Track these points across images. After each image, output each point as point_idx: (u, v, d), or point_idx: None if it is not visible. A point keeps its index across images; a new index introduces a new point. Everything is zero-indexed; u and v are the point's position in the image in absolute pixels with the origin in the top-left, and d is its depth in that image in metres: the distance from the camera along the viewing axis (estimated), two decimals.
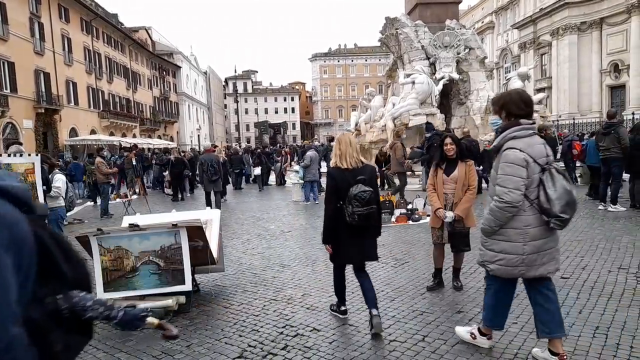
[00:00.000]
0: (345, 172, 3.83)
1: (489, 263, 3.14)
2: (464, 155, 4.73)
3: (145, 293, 4.40)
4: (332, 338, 3.75)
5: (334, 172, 3.91)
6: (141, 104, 49.79)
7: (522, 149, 2.94)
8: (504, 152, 3.01)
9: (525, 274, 3.05)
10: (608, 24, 35.85)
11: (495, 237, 3.08)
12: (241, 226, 9.44)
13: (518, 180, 2.92)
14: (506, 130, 3.04)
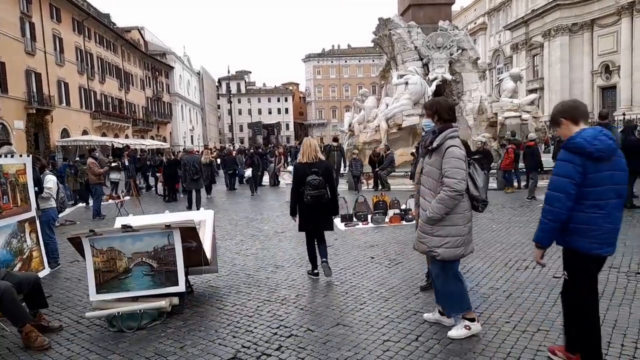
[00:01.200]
0: (304, 165, 5.24)
1: (437, 248, 3.53)
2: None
3: (138, 294, 4.37)
4: (326, 338, 3.75)
5: (297, 165, 5.42)
6: (134, 105, 49.52)
7: (459, 146, 3.51)
8: (448, 149, 3.47)
9: (464, 253, 3.58)
10: (599, 26, 36.21)
11: (441, 223, 3.51)
12: (235, 227, 9.41)
13: (463, 172, 3.45)
14: (444, 131, 3.54)
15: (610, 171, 2.74)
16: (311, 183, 5.06)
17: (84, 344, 3.93)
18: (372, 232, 8.16)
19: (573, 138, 2.76)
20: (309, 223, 5.34)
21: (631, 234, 6.81)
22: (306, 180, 5.09)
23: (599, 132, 2.73)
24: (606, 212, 2.75)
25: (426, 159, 3.69)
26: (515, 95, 18.79)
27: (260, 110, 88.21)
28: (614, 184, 2.76)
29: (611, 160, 2.74)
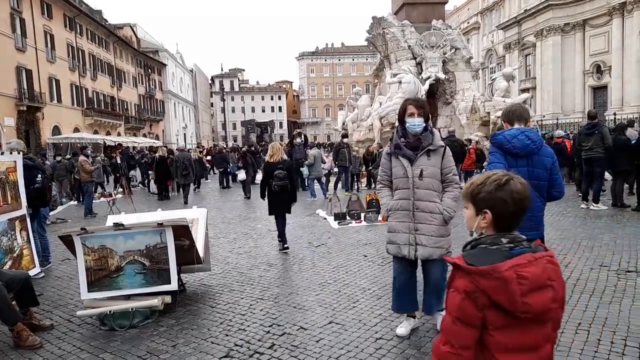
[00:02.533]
0: (272, 163, 6.85)
1: (450, 247, 3.58)
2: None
3: (130, 293, 4.35)
4: (319, 336, 3.76)
5: (266, 163, 7.06)
6: (126, 102, 49.20)
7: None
8: (446, 148, 3.56)
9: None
10: (591, 26, 36.45)
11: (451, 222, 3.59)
12: (228, 225, 9.39)
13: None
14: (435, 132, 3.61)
15: (529, 167, 3.12)
16: (278, 176, 6.69)
17: (75, 342, 3.90)
18: (365, 231, 8.18)
19: (496, 135, 3.29)
20: (276, 209, 6.89)
21: (621, 233, 6.88)
22: (274, 174, 6.69)
23: (519, 133, 3.16)
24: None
25: (424, 160, 3.47)
26: (507, 94, 18.87)
27: (254, 108, 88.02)
28: (532, 179, 3.02)
29: (531, 157, 3.13)
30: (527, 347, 1.49)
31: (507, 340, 1.47)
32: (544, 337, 1.52)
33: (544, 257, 1.48)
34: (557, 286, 1.47)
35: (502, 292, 1.42)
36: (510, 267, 1.42)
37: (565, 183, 10.14)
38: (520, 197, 1.54)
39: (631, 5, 32.16)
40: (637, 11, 31.89)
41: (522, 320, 1.45)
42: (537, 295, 1.43)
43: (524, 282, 1.40)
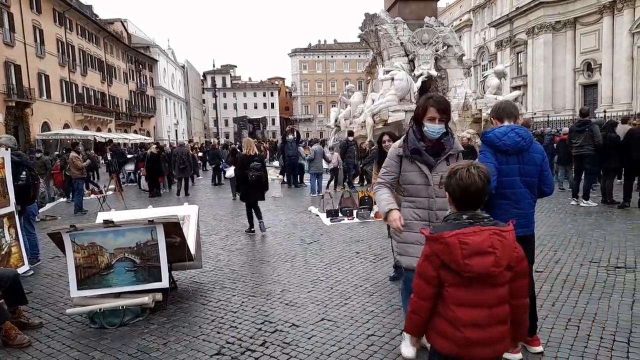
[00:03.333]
0: (248, 156, 7.80)
1: None
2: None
3: (120, 290, 4.31)
4: (311, 333, 3.75)
5: (242, 156, 8.21)
6: (117, 98, 48.80)
7: None
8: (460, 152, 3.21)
9: None
10: (581, 24, 36.70)
11: None
12: (219, 222, 9.35)
13: None
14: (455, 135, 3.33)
15: (519, 164, 3.12)
16: (255, 167, 7.65)
17: (65, 340, 3.86)
18: (358, 227, 8.18)
19: (487, 133, 3.23)
20: (250, 197, 7.86)
21: (610, 230, 6.95)
22: (250, 166, 7.64)
23: (510, 130, 3.13)
24: (514, 200, 3.12)
25: (443, 166, 3.05)
26: (499, 92, 18.95)
27: (246, 104, 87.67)
28: (523, 176, 3.12)
29: (521, 155, 3.12)
30: (478, 303, 1.86)
31: (460, 295, 1.87)
32: (497, 298, 1.86)
33: (490, 230, 1.84)
34: (499, 254, 1.81)
35: (447, 254, 1.84)
36: (454, 235, 1.83)
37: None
38: (463, 185, 1.93)
39: (621, 3, 32.42)
40: (627, 9, 32.17)
41: (471, 280, 1.83)
42: (478, 259, 1.80)
43: (465, 247, 1.81)
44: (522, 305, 1.97)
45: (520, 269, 1.90)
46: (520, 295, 1.94)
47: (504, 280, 1.87)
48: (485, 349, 1.89)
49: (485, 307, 1.87)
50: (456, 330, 1.88)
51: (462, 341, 1.88)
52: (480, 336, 1.87)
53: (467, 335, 1.87)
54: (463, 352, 1.90)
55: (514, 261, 1.86)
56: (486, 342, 1.88)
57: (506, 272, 1.86)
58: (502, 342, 1.92)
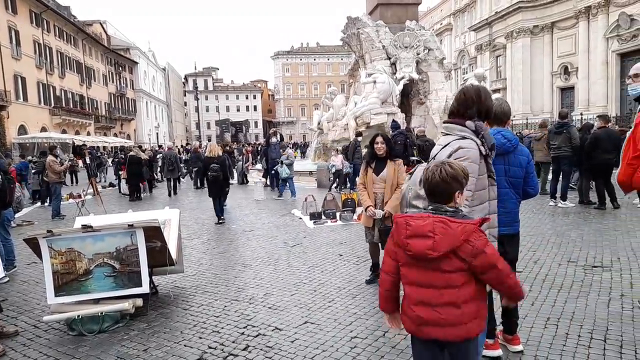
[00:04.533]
0: (210, 158, 9.34)
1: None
2: (393, 155, 4.83)
3: (99, 296, 4.23)
4: (294, 337, 3.73)
5: (205, 157, 9.72)
6: (96, 101, 48.00)
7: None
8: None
9: None
10: (558, 28, 37.52)
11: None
12: (202, 226, 9.26)
13: None
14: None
15: (505, 165, 3.17)
16: (213, 168, 9.15)
17: (42, 349, 3.77)
18: (341, 230, 8.19)
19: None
20: (215, 193, 9.41)
21: (587, 230, 7.10)
22: (210, 167, 9.16)
23: (496, 132, 3.15)
24: (499, 199, 3.05)
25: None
26: None
27: (228, 107, 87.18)
28: (508, 177, 3.18)
29: (507, 156, 3.17)
30: (426, 284, 2.03)
31: (409, 274, 2.09)
32: (446, 281, 1.99)
33: (437, 218, 2.02)
34: (438, 239, 1.96)
35: (396, 232, 2.10)
36: (403, 217, 2.12)
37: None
38: (425, 179, 2.14)
39: (596, 9, 33.26)
40: (602, 15, 33.00)
41: (416, 260, 2.03)
42: (417, 240, 2.01)
43: (409, 227, 2.04)
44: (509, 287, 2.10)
45: (479, 262, 1.97)
46: (498, 283, 2.06)
47: (453, 267, 1.98)
48: (440, 329, 2.01)
49: (432, 287, 2.01)
50: (409, 307, 2.10)
51: (416, 319, 2.06)
52: (432, 315, 2.01)
53: (418, 313, 2.04)
54: (417, 330, 2.07)
55: (463, 252, 1.95)
56: (439, 322, 2.00)
57: (453, 259, 1.97)
58: (457, 326, 2.00)
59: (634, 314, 3.83)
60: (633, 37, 31.24)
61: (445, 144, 2.66)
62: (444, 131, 2.78)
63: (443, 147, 2.67)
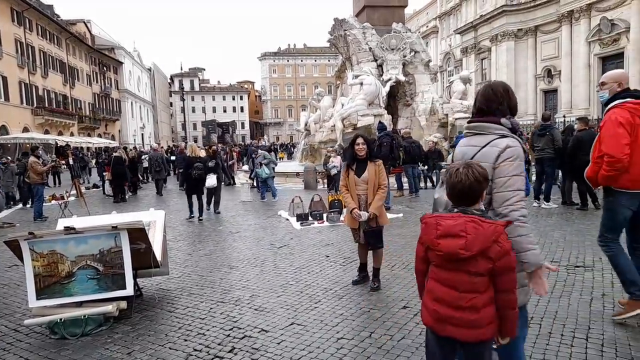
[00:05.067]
0: (192, 157, 10.03)
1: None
2: (373, 156, 4.88)
3: (82, 299, 4.17)
4: (280, 338, 3.72)
5: (188, 157, 10.33)
6: (79, 101, 47.33)
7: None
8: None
9: None
10: (542, 32, 38.12)
11: None
12: (187, 227, 9.18)
13: None
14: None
15: None
16: (197, 167, 9.80)
17: (23, 353, 3.70)
18: (328, 231, 8.20)
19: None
20: (194, 190, 9.97)
21: (570, 230, 7.22)
22: (194, 165, 9.79)
23: None
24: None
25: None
26: (465, 97, 19.44)
27: (215, 108, 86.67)
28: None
29: None
30: (451, 284, 2.05)
31: (439, 273, 2.10)
32: (470, 285, 2.00)
33: (469, 217, 2.02)
34: (470, 239, 1.95)
35: (426, 233, 2.11)
36: (434, 217, 2.11)
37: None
38: (451, 183, 2.12)
39: (578, 13, 33.87)
40: (584, 19, 33.61)
41: (447, 261, 2.04)
42: (448, 240, 2.00)
43: (440, 227, 2.03)
44: (507, 300, 2.05)
45: (502, 264, 1.98)
46: (506, 289, 2.03)
47: (479, 269, 1.97)
48: (456, 329, 2.04)
49: (456, 290, 2.03)
50: (430, 301, 2.14)
51: (433, 313, 2.11)
52: (450, 315, 2.04)
53: (437, 309, 2.08)
54: (436, 325, 2.11)
55: (492, 252, 1.96)
56: (456, 322, 2.03)
57: (481, 260, 1.96)
58: (473, 329, 2.02)
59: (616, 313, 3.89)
60: (614, 42, 31.87)
61: (483, 144, 2.43)
62: (472, 131, 2.55)
63: (481, 147, 2.44)
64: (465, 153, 2.52)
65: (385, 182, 4.86)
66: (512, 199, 2.33)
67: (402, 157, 11.57)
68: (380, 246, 4.93)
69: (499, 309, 2.06)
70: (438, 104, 18.74)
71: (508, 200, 2.33)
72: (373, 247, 4.88)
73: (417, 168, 12.58)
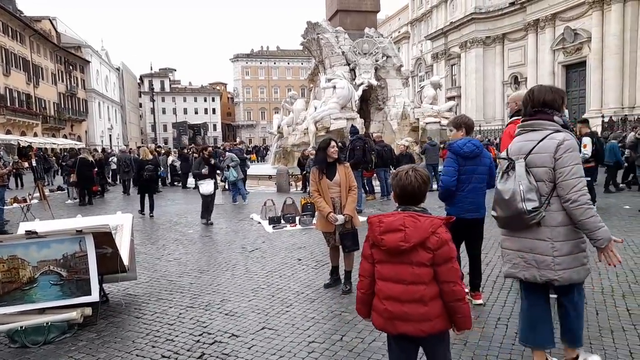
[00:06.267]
0: (144, 161, 10.85)
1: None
2: (342, 159, 4.99)
3: (45, 306, 4.02)
4: (251, 343, 3.68)
5: (140, 160, 11.24)
6: (44, 100, 45.80)
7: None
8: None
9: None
10: (509, 40, 39.31)
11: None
12: (156, 231, 9.00)
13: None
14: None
15: (474, 166, 4.11)
16: (148, 169, 10.57)
17: None
18: (300, 234, 8.18)
19: (452, 144, 4.18)
20: (145, 190, 10.82)
21: None
22: (145, 167, 10.55)
23: (467, 141, 4.12)
24: (469, 191, 4.12)
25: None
26: (435, 102, 19.82)
27: (186, 110, 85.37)
28: (476, 174, 4.12)
29: (475, 159, 4.10)
30: (396, 278, 2.18)
31: (383, 271, 2.24)
32: (413, 276, 2.15)
33: (407, 213, 2.22)
34: (409, 232, 2.14)
35: (370, 231, 2.28)
36: (376, 217, 2.28)
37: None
38: (402, 185, 2.29)
39: (543, 22, 35.07)
40: (549, 28, 34.83)
41: (390, 255, 2.19)
42: (390, 235, 2.18)
43: (382, 224, 2.22)
44: (451, 292, 2.16)
45: (441, 253, 2.14)
46: (448, 280, 2.15)
47: (421, 259, 2.14)
48: (406, 324, 2.16)
49: (402, 283, 2.17)
50: (379, 302, 2.25)
51: (384, 313, 2.21)
52: (399, 310, 2.17)
53: (387, 307, 2.20)
54: (387, 325, 2.22)
55: (430, 243, 2.13)
56: (406, 317, 2.16)
57: (421, 250, 2.14)
58: (425, 322, 2.15)
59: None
60: (577, 50, 33.14)
61: (541, 138, 2.74)
62: (527, 128, 2.86)
63: (539, 141, 2.74)
64: (522, 147, 2.83)
65: (355, 184, 4.97)
66: (579, 185, 2.62)
67: (374, 160, 11.68)
68: (357, 248, 4.93)
69: (447, 302, 2.17)
70: (409, 108, 19.01)
71: (575, 186, 2.62)
72: (349, 249, 4.89)
73: (388, 172, 12.71)
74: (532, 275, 2.81)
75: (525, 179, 2.74)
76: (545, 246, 2.75)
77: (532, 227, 2.77)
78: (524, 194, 2.72)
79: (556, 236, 2.73)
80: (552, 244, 2.73)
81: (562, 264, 2.73)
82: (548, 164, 2.70)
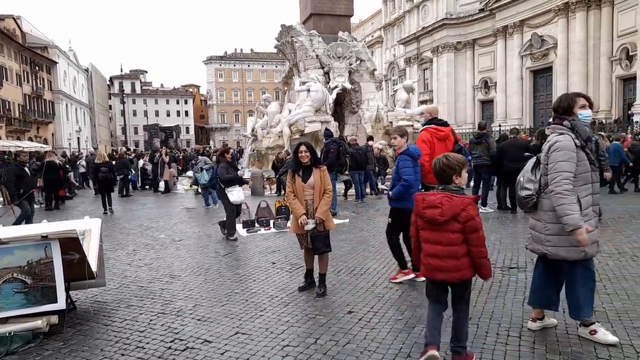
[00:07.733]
0: (99, 164, 12.63)
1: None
2: (317, 162, 5.01)
3: (7, 315, 3.87)
4: (224, 349, 3.63)
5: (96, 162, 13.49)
6: (8, 102, 44.16)
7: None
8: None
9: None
10: (479, 45, 40.23)
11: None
12: (127, 236, 8.79)
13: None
14: None
15: (417, 166, 5.10)
16: (102, 170, 12.14)
17: None
18: (274, 238, 8.14)
19: (408, 149, 5.10)
20: (102, 190, 12.26)
21: (505, 233, 7.61)
22: (100, 169, 12.14)
23: (414, 147, 5.20)
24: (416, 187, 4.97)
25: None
26: (408, 105, 20.06)
27: (158, 112, 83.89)
28: (417, 173, 5.09)
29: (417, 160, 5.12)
30: (436, 241, 3.02)
31: (426, 235, 3.10)
32: (449, 240, 2.96)
33: (444, 194, 3.01)
34: (444, 208, 2.94)
35: (416, 205, 3.13)
36: (420, 195, 3.15)
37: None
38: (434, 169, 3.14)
39: (512, 29, 36.06)
40: (517, 34, 35.83)
41: (430, 224, 3.03)
42: (430, 210, 3.00)
43: (424, 202, 3.06)
44: (478, 252, 2.98)
45: (469, 225, 2.92)
46: (475, 244, 2.96)
47: (454, 228, 2.93)
48: (442, 273, 3.02)
49: (440, 245, 2.99)
50: (424, 258, 3.11)
51: (427, 266, 3.09)
52: (438, 264, 3.01)
53: (430, 262, 3.06)
54: (429, 274, 3.11)
55: (461, 217, 2.91)
56: (442, 269, 3.00)
57: (454, 222, 2.92)
58: (456, 272, 2.98)
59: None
60: (544, 56, 34.19)
61: (548, 140, 3.44)
62: (550, 131, 3.55)
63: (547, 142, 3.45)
64: (543, 147, 3.49)
65: (330, 187, 4.97)
66: (557, 178, 3.23)
67: (348, 163, 11.73)
68: (328, 250, 4.94)
69: (474, 259, 2.98)
70: (383, 111, 19.19)
71: (554, 179, 3.25)
72: (319, 251, 4.89)
73: (362, 174, 12.77)
74: (535, 248, 3.58)
75: (529, 172, 3.53)
76: (541, 226, 3.48)
77: (534, 210, 3.51)
78: (523, 183, 3.53)
79: (547, 219, 3.40)
80: (544, 225, 3.44)
81: (552, 241, 3.41)
82: (545, 161, 3.40)
